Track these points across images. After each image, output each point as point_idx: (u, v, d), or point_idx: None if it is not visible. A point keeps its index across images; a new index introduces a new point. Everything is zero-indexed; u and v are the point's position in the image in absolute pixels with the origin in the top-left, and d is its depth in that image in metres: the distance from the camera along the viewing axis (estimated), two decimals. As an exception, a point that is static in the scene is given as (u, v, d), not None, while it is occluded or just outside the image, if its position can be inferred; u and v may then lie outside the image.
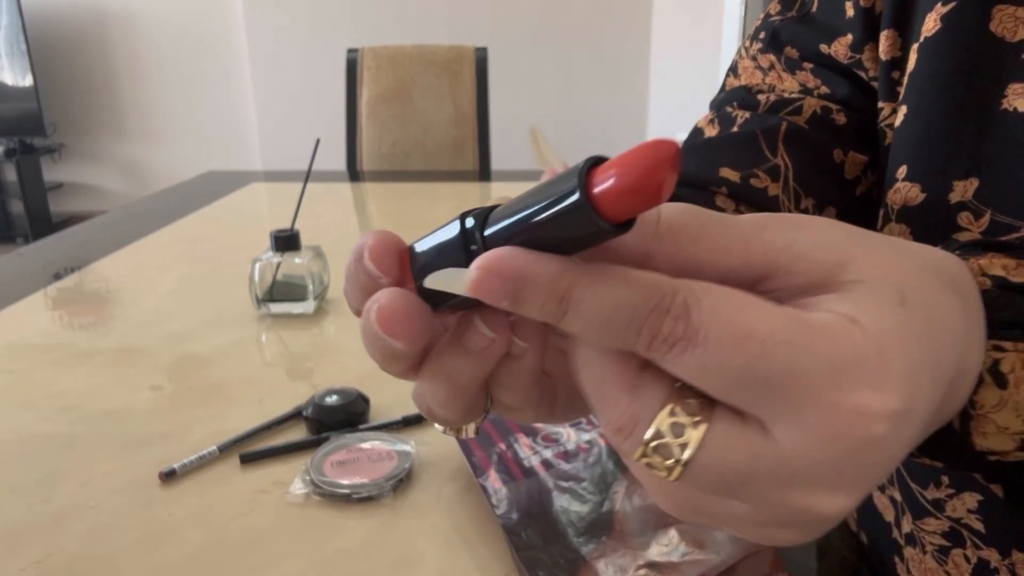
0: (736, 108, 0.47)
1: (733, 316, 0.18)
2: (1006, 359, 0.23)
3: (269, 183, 1.56)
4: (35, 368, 0.71)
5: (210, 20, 3.65)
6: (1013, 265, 0.23)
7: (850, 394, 0.18)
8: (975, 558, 0.37)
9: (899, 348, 0.18)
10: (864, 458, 0.18)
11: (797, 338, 0.18)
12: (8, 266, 1.05)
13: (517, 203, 0.19)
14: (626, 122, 3.60)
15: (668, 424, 0.19)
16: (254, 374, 0.69)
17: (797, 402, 0.18)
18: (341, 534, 0.47)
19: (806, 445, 0.18)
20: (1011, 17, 0.33)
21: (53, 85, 3.76)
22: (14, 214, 3.78)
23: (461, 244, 0.20)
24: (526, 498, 0.47)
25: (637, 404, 0.20)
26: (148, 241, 1.14)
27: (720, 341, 0.18)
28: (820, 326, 0.18)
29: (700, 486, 0.19)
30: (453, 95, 1.88)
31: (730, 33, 2.74)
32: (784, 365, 0.18)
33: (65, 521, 0.49)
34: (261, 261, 0.81)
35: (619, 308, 0.18)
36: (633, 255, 0.20)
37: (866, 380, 0.18)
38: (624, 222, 0.17)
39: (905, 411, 0.18)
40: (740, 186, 0.42)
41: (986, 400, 0.23)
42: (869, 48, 0.43)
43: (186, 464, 0.54)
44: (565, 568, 0.41)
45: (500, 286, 0.18)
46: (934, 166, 0.36)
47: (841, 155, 0.44)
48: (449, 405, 0.23)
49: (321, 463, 0.53)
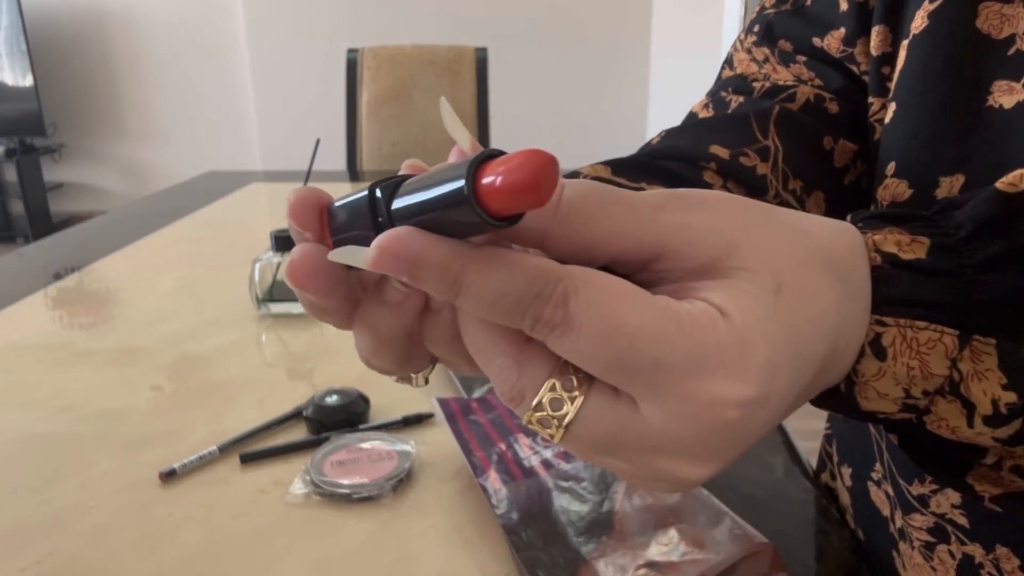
0: (731, 93, 0.47)
1: (606, 309, 0.20)
2: (887, 333, 0.24)
3: (269, 183, 1.56)
4: (35, 368, 0.71)
5: (210, 20, 3.65)
6: (907, 241, 0.24)
7: (707, 383, 0.20)
8: (960, 554, 0.37)
9: (760, 339, 0.20)
10: (719, 438, 0.21)
11: (663, 332, 0.20)
12: (8, 266, 1.05)
13: (420, 182, 0.20)
14: (626, 122, 3.60)
15: (548, 398, 0.22)
16: (254, 374, 0.69)
17: (660, 388, 0.20)
18: (341, 534, 0.47)
19: (667, 424, 0.21)
20: (997, 14, 0.33)
21: (53, 85, 3.76)
22: (14, 214, 3.78)
23: (368, 213, 0.21)
24: (526, 498, 0.47)
25: (524, 378, 0.22)
26: (148, 241, 1.14)
27: (592, 332, 0.20)
28: (687, 319, 0.20)
29: (579, 447, 0.22)
30: (453, 95, 1.88)
31: (730, 34, 2.74)
32: (649, 357, 0.20)
33: (65, 521, 0.49)
34: (261, 261, 0.81)
35: (505, 293, 0.20)
36: (532, 234, 0.21)
37: (723, 370, 0.20)
38: (510, 216, 0.18)
39: (759, 399, 0.20)
40: (729, 163, 0.42)
41: (867, 370, 0.24)
42: (861, 42, 0.43)
43: (186, 464, 0.54)
44: (565, 568, 0.41)
45: (396, 265, 0.20)
46: (921, 162, 0.36)
47: (831, 142, 0.44)
48: (379, 354, 0.25)
49: (321, 463, 0.53)
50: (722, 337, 0.20)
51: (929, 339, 0.24)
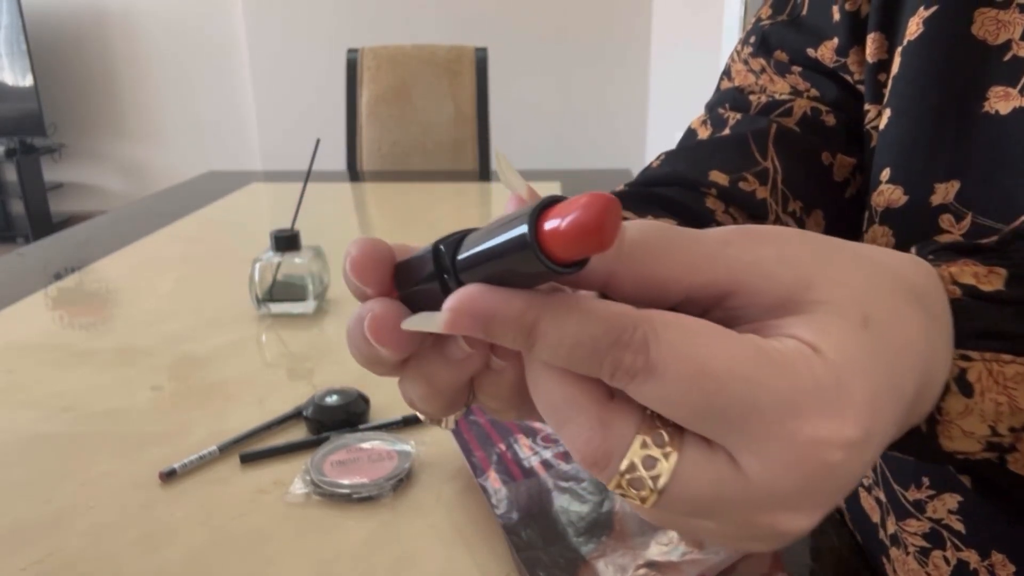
0: (728, 110, 0.47)
1: (691, 351, 0.18)
2: (972, 368, 0.23)
3: (269, 183, 1.56)
4: (36, 368, 0.71)
5: (210, 20, 3.65)
6: (984, 272, 0.23)
7: (807, 425, 0.18)
8: (955, 559, 0.37)
9: (859, 376, 0.19)
10: (823, 483, 0.19)
11: (755, 373, 0.18)
12: (8, 266, 1.05)
13: (483, 235, 0.19)
14: (626, 122, 3.60)
15: (641, 457, 0.20)
16: (254, 374, 0.69)
17: (756, 434, 0.19)
18: (341, 534, 0.47)
19: (768, 474, 0.19)
20: (993, 20, 0.33)
21: (53, 85, 3.76)
22: (14, 214, 3.78)
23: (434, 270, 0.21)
24: (526, 498, 0.47)
25: (610, 438, 0.20)
26: (148, 241, 1.14)
27: (678, 376, 0.18)
28: (779, 357, 0.19)
29: (672, 511, 0.20)
30: (453, 95, 1.88)
31: (730, 34, 2.74)
32: (741, 400, 0.18)
33: (65, 521, 0.49)
34: (261, 261, 0.81)
35: (582, 342, 0.19)
36: (597, 275, 0.20)
37: (823, 411, 0.18)
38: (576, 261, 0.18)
39: (864, 438, 0.19)
40: (729, 189, 0.42)
41: (952, 408, 0.23)
42: (854, 52, 0.43)
43: (186, 464, 0.54)
44: (565, 568, 0.41)
45: (472, 324, 0.19)
46: (916, 168, 0.36)
47: (830, 157, 0.44)
48: (429, 401, 0.24)
49: (321, 463, 0.53)
50: (819, 375, 0.19)
51: (1016, 373, 0.23)
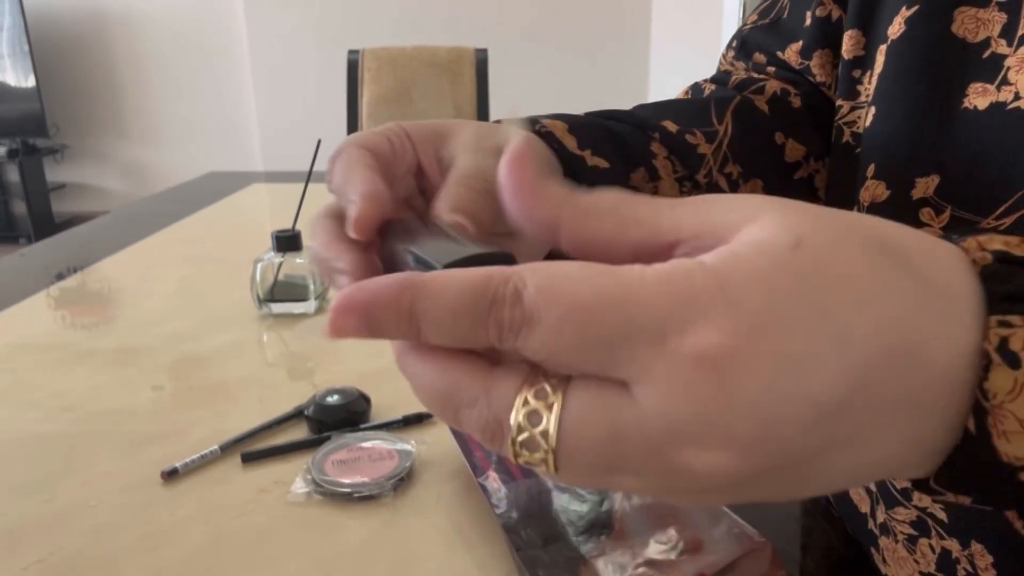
0: (707, 83, 0.51)
1: (560, 290, 0.18)
2: (1015, 335, 0.19)
3: (270, 184, 1.56)
4: (37, 368, 0.71)
5: (211, 21, 3.65)
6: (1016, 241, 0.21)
7: (688, 336, 0.17)
8: (939, 548, 0.37)
9: (756, 285, 0.17)
10: (724, 405, 0.17)
11: (627, 295, 0.17)
12: (11, 266, 1.05)
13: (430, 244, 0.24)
14: (627, 122, 3.60)
15: (524, 414, 0.19)
16: (255, 374, 0.70)
17: (642, 357, 0.17)
18: (342, 533, 0.48)
19: (659, 398, 0.17)
20: (972, 18, 0.34)
21: (55, 86, 3.77)
22: (17, 214, 3.79)
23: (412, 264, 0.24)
24: (526, 498, 0.47)
25: (494, 404, 0.19)
26: (150, 241, 1.14)
27: (553, 318, 0.18)
28: (653, 276, 0.18)
29: (580, 467, 0.19)
30: (453, 96, 1.88)
31: (729, 34, 2.74)
32: (618, 324, 0.17)
33: (66, 520, 0.49)
34: (263, 261, 0.81)
35: (460, 310, 0.18)
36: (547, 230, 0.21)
37: (703, 317, 0.17)
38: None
39: (767, 350, 0.17)
40: (674, 136, 0.43)
41: (999, 386, 0.19)
42: (818, 55, 0.46)
43: (188, 463, 0.54)
44: (565, 567, 0.42)
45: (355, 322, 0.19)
46: (898, 163, 0.37)
47: (783, 138, 0.47)
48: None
49: (322, 462, 0.53)
50: (697, 283, 0.17)
51: None
